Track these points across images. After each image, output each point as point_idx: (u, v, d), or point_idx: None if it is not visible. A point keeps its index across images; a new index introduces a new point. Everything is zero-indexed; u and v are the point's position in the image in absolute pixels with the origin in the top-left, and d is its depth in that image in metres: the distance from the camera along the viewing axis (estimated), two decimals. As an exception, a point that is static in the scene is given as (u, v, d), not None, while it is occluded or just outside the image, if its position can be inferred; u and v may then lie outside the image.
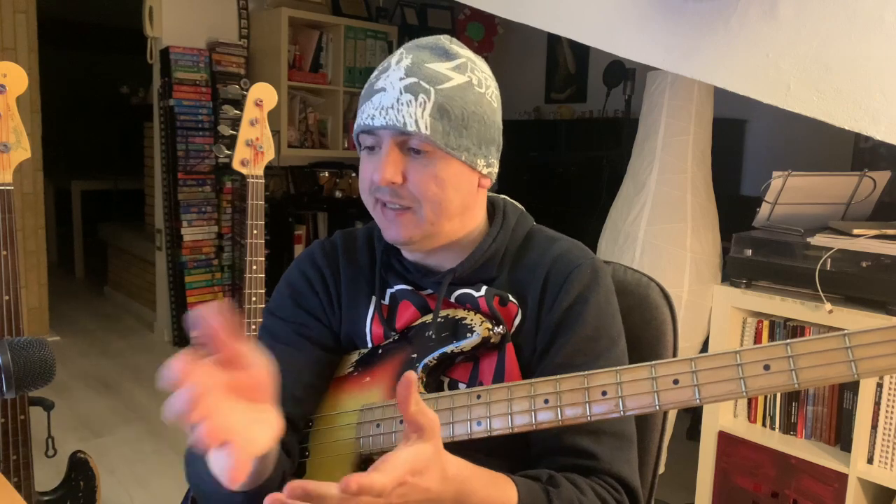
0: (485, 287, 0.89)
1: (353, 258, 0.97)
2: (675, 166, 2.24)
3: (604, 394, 0.72)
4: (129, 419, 3.06)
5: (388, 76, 0.85)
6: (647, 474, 1.03)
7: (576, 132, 4.09)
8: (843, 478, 1.65)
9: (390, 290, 0.94)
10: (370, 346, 0.94)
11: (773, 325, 1.78)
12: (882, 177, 1.89)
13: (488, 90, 0.88)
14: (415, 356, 0.88)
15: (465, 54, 0.88)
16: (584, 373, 0.74)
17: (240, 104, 1.87)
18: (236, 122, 1.83)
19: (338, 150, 4.31)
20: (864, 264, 1.62)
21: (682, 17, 1.61)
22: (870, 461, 1.63)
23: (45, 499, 1.64)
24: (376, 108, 0.83)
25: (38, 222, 3.96)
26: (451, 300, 0.90)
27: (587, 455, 0.82)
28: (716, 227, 2.31)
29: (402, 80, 0.83)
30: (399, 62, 0.85)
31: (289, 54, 4.00)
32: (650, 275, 1.07)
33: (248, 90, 1.81)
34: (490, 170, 0.90)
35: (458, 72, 0.85)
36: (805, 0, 1.44)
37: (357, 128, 0.87)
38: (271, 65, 3.98)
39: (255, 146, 1.78)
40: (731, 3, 1.52)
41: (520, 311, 0.89)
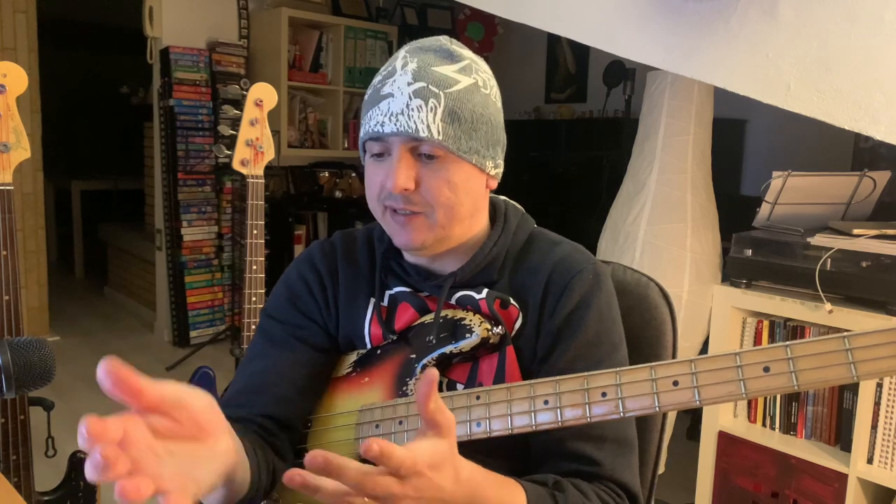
0: (486, 290, 0.89)
1: (352, 259, 0.96)
2: (675, 166, 2.23)
3: (603, 395, 0.72)
4: (129, 419, 3.06)
5: (395, 81, 0.83)
6: (647, 474, 1.03)
7: (576, 132, 4.09)
8: (843, 478, 1.65)
9: (389, 292, 0.93)
10: (369, 347, 0.93)
11: (773, 325, 1.78)
12: (882, 177, 1.89)
13: (492, 91, 0.88)
14: (413, 356, 0.87)
15: (468, 55, 0.87)
16: (584, 374, 0.74)
17: (240, 104, 1.87)
18: (236, 122, 1.83)
19: (338, 150, 4.31)
20: (864, 264, 1.62)
21: (682, 17, 1.61)
22: (870, 461, 1.63)
23: (45, 499, 1.63)
24: (385, 115, 0.82)
25: (38, 222, 3.96)
26: (452, 302, 0.90)
27: (589, 461, 0.82)
28: (716, 227, 2.31)
29: (410, 84, 0.82)
30: (405, 66, 0.84)
31: (289, 54, 4.01)
32: (650, 275, 1.07)
33: (248, 90, 1.81)
34: (497, 170, 0.90)
35: (464, 74, 0.85)
36: (805, 0, 1.44)
37: (364, 135, 0.85)
38: (271, 65, 3.98)
39: (255, 146, 1.78)
40: (731, 3, 1.52)
41: (521, 314, 0.88)
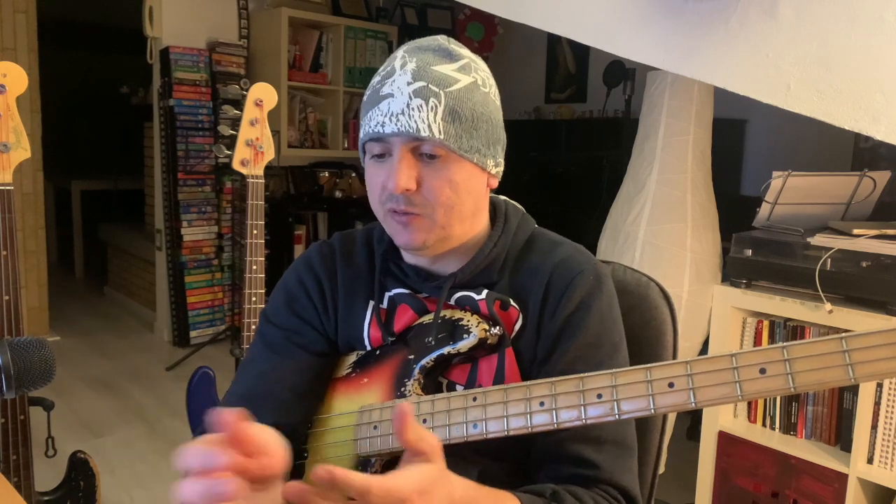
0: (485, 291, 0.88)
1: (351, 261, 0.96)
2: (675, 166, 2.23)
3: (599, 397, 0.71)
4: (129, 419, 3.06)
5: (395, 81, 0.83)
6: (647, 474, 1.03)
7: (576, 132, 4.09)
8: (843, 478, 1.65)
9: (388, 294, 0.93)
10: (368, 349, 0.93)
11: (773, 325, 1.78)
12: (882, 177, 1.89)
13: (491, 90, 0.88)
14: (412, 357, 0.87)
15: (466, 54, 0.87)
16: (580, 375, 0.74)
17: (240, 104, 1.88)
18: (236, 122, 1.83)
19: (338, 150, 4.31)
20: (864, 264, 1.61)
21: (682, 18, 1.61)
22: (870, 461, 1.63)
23: (45, 499, 1.64)
24: (385, 115, 0.81)
25: (38, 222, 3.96)
26: (451, 303, 0.89)
27: (589, 464, 0.82)
28: (716, 227, 2.30)
29: (409, 84, 0.81)
30: (404, 66, 0.83)
31: (289, 54, 4.00)
32: (650, 275, 1.06)
33: (247, 90, 1.81)
34: (498, 169, 0.90)
35: (464, 72, 0.84)
36: (805, 0, 1.43)
37: (364, 136, 0.85)
38: (271, 65, 3.98)
39: (255, 146, 1.78)
40: (731, 3, 1.52)
41: (521, 315, 0.88)
